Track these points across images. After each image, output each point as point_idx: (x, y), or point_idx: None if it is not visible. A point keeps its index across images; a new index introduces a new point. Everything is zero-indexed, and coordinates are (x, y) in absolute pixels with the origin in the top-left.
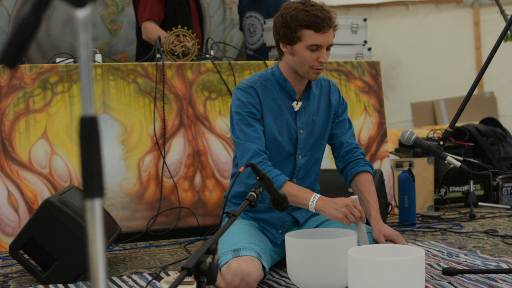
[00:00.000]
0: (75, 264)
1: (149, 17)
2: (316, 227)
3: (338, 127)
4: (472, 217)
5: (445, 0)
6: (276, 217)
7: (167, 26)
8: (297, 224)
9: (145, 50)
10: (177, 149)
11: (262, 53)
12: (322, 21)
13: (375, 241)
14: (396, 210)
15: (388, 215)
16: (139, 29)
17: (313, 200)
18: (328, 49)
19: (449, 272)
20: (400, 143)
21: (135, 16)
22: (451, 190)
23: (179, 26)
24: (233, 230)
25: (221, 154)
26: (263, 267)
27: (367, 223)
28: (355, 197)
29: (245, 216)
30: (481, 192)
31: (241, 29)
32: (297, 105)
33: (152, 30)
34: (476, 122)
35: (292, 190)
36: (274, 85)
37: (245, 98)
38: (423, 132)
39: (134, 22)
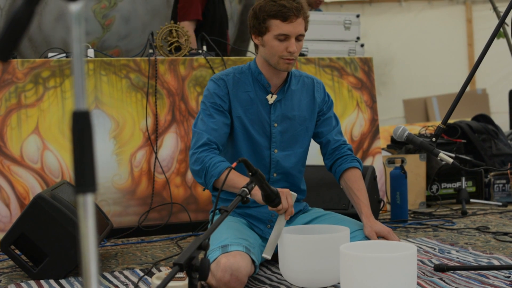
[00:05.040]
0: (67, 260)
1: (195, 17)
2: (306, 223)
3: (324, 125)
4: (464, 214)
5: None
6: (264, 212)
7: (207, 23)
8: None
9: None
10: (169, 144)
11: None
12: (288, 10)
13: (366, 237)
14: (388, 207)
15: (380, 212)
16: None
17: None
18: (299, 39)
19: (440, 268)
20: (392, 140)
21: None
22: (443, 186)
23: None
24: (221, 227)
25: None
26: (253, 262)
27: (359, 219)
28: (294, 194)
29: (232, 213)
30: (473, 189)
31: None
32: (271, 98)
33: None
34: (468, 119)
35: (230, 175)
36: (249, 77)
37: (213, 89)
38: (415, 129)
39: (127, 17)
